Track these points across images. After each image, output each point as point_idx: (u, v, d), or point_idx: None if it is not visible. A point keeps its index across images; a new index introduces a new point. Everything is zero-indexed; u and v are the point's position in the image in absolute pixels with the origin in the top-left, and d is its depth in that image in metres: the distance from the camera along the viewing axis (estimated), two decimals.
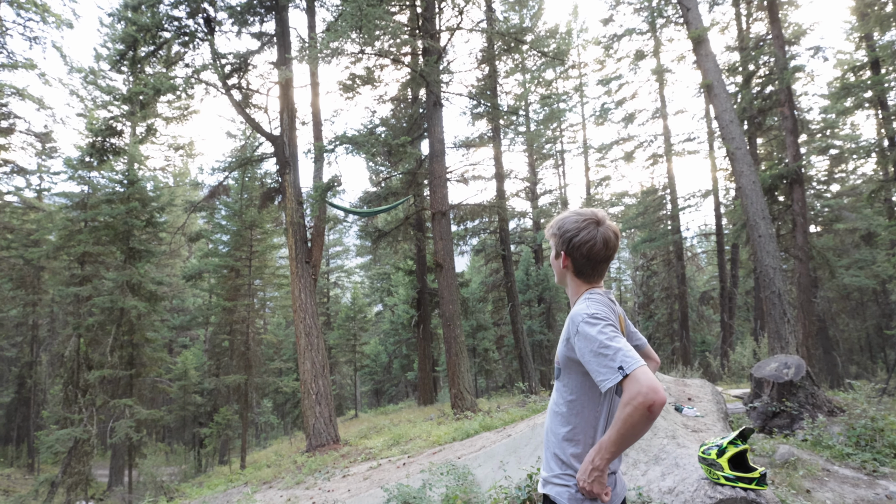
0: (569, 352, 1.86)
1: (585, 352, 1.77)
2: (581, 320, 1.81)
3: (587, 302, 1.89)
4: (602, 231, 1.91)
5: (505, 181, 22.31)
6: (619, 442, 1.70)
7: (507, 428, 7.92)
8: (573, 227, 1.93)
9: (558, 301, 24.92)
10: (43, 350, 25.38)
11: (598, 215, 1.94)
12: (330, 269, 35.30)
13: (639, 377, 1.65)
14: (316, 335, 13.15)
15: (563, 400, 1.92)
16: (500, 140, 21.66)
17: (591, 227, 1.92)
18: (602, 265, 1.96)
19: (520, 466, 5.35)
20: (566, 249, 1.95)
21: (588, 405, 1.88)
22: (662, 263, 24.70)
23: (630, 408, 1.64)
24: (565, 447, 1.90)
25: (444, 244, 14.01)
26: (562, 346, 1.90)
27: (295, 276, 13.30)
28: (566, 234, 1.95)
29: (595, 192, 29.76)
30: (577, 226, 1.93)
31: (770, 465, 4.60)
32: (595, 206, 28.69)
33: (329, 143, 13.13)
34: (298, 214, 13.40)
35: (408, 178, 17.94)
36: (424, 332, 20.78)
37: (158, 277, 19.09)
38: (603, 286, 2.02)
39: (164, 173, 29.08)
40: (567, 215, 1.98)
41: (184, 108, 19.54)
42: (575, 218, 1.95)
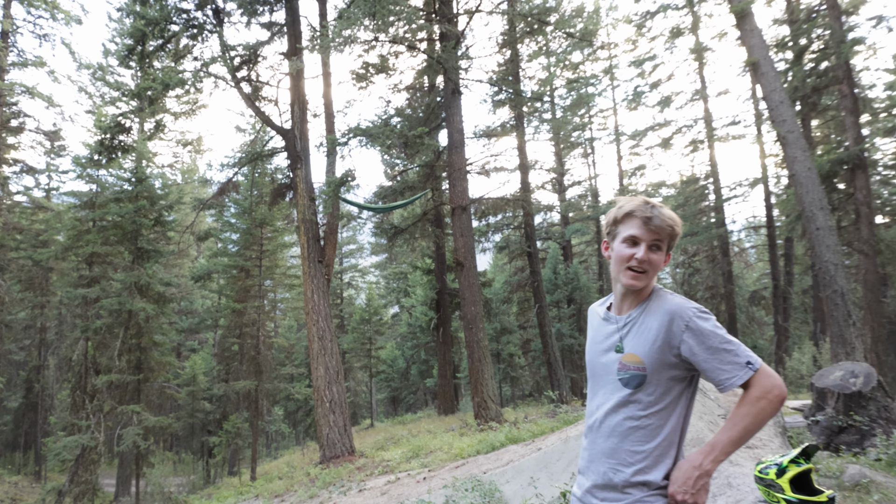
0: (664, 354, 1.80)
1: (701, 349, 1.76)
2: (693, 315, 1.79)
3: (678, 298, 1.87)
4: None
5: (529, 173, 22.17)
6: (741, 440, 1.74)
7: (537, 441, 7.84)
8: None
9: (590, 301, 24.69)
10: (51, 353, 26.05)
11: (648, 202, 1.93)
12: (343, 269, 35.55)
13: (768, 371, 1.73)
14: (329, 339, 13.23)
15: (645, 411, 1.82)
16: (523, 129, 21.52)
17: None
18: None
19: (552, 483, 5.28)
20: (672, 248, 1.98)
21: (675, 413, 1.84)
22: (706, 260, 24.30)
23: (765, 402, 1.70)
24: (653, 466, 1.81)
25: (464, 241, 13.97)
26: (648, 346, 1.82)
27: (307, 276, 13.39)
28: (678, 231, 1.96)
29: (628, 183, 29.38)
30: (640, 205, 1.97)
31: (838, 488, 4.43)
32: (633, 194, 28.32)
33: (342, 136, 13.19)
34: (310, 211, 13.48)
35: (425, 171, 17.93)
36: (444, 336, 20.76)
37: (167, 278, 19.44)
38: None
39: (173, 170, 29.76)
40: (673, 213, 1.96)
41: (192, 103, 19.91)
42: (640, 201, 1.96)
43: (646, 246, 1.86)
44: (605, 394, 1.90)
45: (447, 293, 20.78)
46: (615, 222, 1.93)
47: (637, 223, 1.87)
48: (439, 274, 21.22)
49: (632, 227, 1.88)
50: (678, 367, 1.81)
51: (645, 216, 1.86)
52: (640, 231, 1.86)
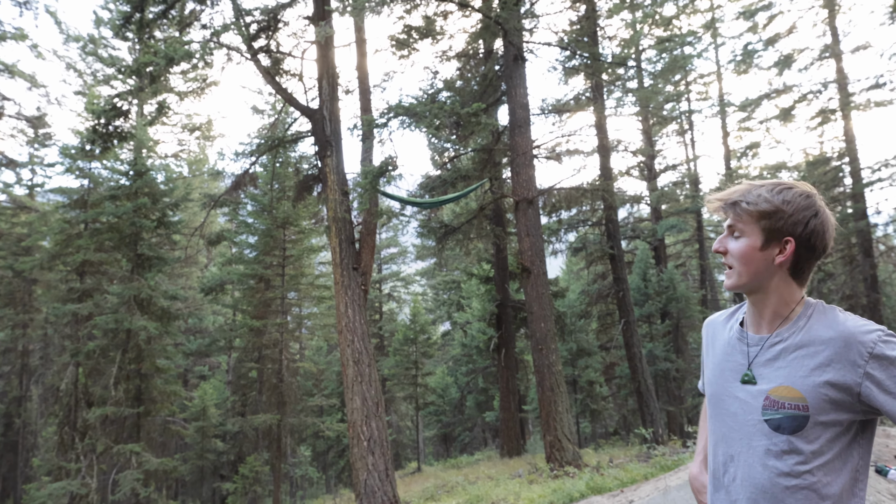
0: (834, 390, 1.69)
1: (893, 385, 1.64)
2: (878, 339, 1.67)
3: (848, 315, 1.78)
4: (830, 214, 1.84)
5: (611, 156, 21.97)
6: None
7: (626, 491, 7.83)
8: (806, 202, 1.81)
9: (690, 316, 24.28)
10: (34, 382, 27.06)
11: (818, 194, 1.85)
12: (383, 277, 36.05)
13: None
14: (367, 363, 13.45)
15: (807, 465, 1.72)
16: (602, 101, 21.37)
17: (824, 205, 1.83)
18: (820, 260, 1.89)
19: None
20: (799, 234, 1.80)
21: (846, 468, 1.73)
22: (841, 262, 23.56)
23: None
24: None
25: (531, 242, 14.02)
26: (812, 378, 1.72)
27: (340, 286, 13.66)
28: (799, 212, 1.80)
29: (738, 166, 28.75)
30: (809, 201, 1.81)
31: None
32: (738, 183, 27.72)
33: (380, 116, 13.41)
34: (343, 208, 13.76)
35: (482, 156, 18.02)
36: (507, 359, 20.80)
37: (172, 290, 20.11)
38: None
39: (178, 161, 30.75)
40: (781, 186, 1.86)
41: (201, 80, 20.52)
42: (797, 191, 1.83)
43: (726, 231, 1.90)
44: (741, 439, 1.82)
45: (510, 306, 20.81)
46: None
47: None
48: (500, 283, 21.28)
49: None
50: (852, 408, 1.69)
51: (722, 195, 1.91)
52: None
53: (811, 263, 1.83)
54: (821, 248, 1.80)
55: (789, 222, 1.79)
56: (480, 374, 27.98)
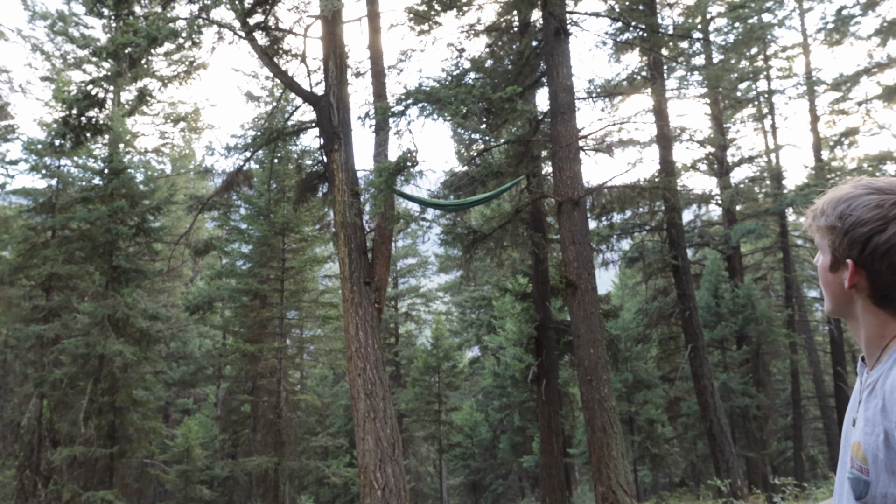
0: (890, 453, 1.60)
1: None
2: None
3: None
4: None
5: (673, 146, 21.86)
6: None
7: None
8: (870, 214, 1.69)
9: (772, 340, 24.03)
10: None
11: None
12: (400, 293, 36.12)
13: None
14: (381, 396, 13.49)
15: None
16: (662, 82, 21.25)
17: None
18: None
19: None
20: (858, 255, 1.72)
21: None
22: None
23: None
24: None
25: (577, 251, 14.01)
26: (872, 437, 1.65)
27: (349, 304, 13.75)
28: (856, 225, 1.70)
29: (830, 157, 28.39)
30: (878, 212, 1.68)
31: None
32: (833, 179, 27.47)
33: (397, 102, 13.51)
34: (353, 211, 13.86)
35: (517, 148, 18.02)
36: (549, 392, 20.70)
37: (152, 309, 20.37)
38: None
39: (160, 157, 31.12)
40: (852, 192, 1.76)
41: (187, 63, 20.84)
42: (869, 197, 1.72)
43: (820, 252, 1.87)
44: (838, 495, 1.79)
45: (552, 328, 20.72)
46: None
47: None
48: (540, 300, 21.20)
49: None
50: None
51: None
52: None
53: (895, 289, 1.70)
54: (891, 272, 1.66)
55: (845, 241, 1.72)
56: (516, 410, 27.87)
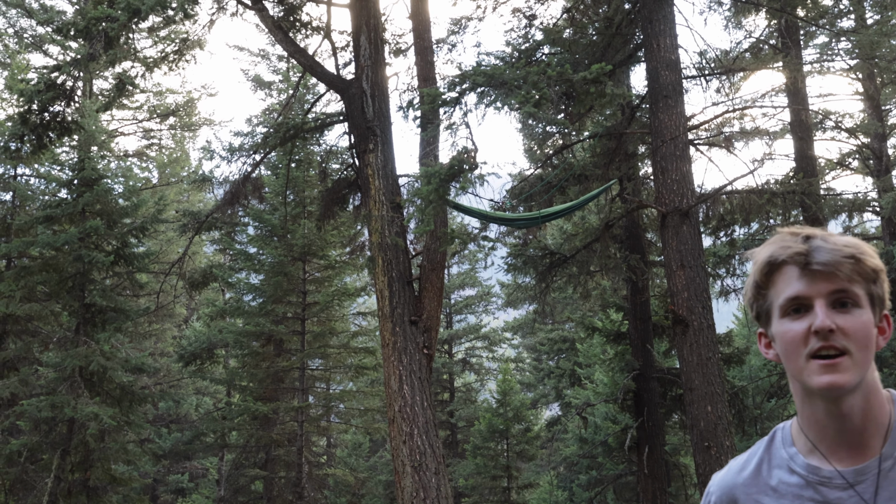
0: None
1: None
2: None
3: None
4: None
5: (814, 138, 21.52)
6: None
7: None
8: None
9: None
10: None
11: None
12: (455, 335, 36.04)
13: None
14: (434, 469, 13.46)
15: None
16: (798, 52, 21.04)
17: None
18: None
19: None
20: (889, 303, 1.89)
21: None
22: None
23: None
24: None
25: (687, 276, 13.91)
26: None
27: (390, 349, 13.76)
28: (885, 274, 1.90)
29: None
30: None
31: None
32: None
33: (449, 87, 13.53)
34: (395, 229, 13.90)
35: (607, 144, 17.95)
36: (652, 463, 20.47)
37: (135, 359, 20.46)
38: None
39: (145, 162, 31.50)
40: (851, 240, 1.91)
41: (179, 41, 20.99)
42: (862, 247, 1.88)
43: (824, 304, 1.83)
44: None
45: (655, 379, 20.52)
46: (759, 290, 1.95)
47: (793, 274, 1.87)
48: (639, 341, 21.01)
49: (787, 286, 1.87)
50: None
51: (798, 255, 1.86)
52: (803, 284, 1.85)
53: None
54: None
55: (885, 287, 1.87)
56: (611, 487, 27.60)
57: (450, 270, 35.73)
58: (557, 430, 35.24)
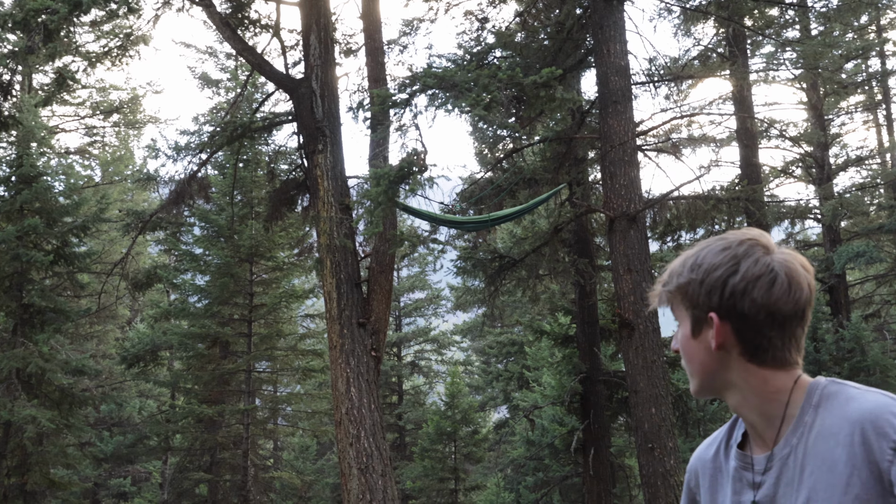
0: (869, 495, 1.80)
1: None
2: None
3: (864, 391, 1.91)
4: (780, 260, 1.94)
5: (759, 145, 21.77)
6: None
7: None
8: (720, 258, 1.97)
9: (890, 383, 23.80)
10: None
11: (758, 238, 1.98)
12: (404, 338, 36.09)
13: None
14: (381, 472, 13.46)
15: None
16: (745, 61, 21.30)
17: (757, 251, 1.95)
18: (795, 326, 1.95)
19: None
20: (718, 302, 1.96)
21: None
22: None
23: None
24: None
25: (634, 281, 14.06)
26: (839, 497, 1.84)
27: (338, 352, 13.70)
28: (710, 271, 1.98)
29: None
30: (726, 252, 1.97)
31: None
32: None
33: (400, 89, 13.50)
34: (343, 231, 13.84)
35: (556, 149, 18.02)
36: (598, 465, 20.61)
37: (76, 361, 20.22)
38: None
39: (87, 159, 31.20)
40: (700, 245, 2.06)
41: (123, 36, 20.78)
42: (718, 243, 2.01)
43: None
44: None
45: (602, 382, 20.65)
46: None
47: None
48: (586, 345, 21.12)
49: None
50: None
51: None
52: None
53: (766, 336, 1.94)
54: (755, 312, 1.91)
55: (702, 292, 1.97)
56: (557, 488, 27.74)
57: (399, 273, 35.83)
58: (505, 432, 35.45)
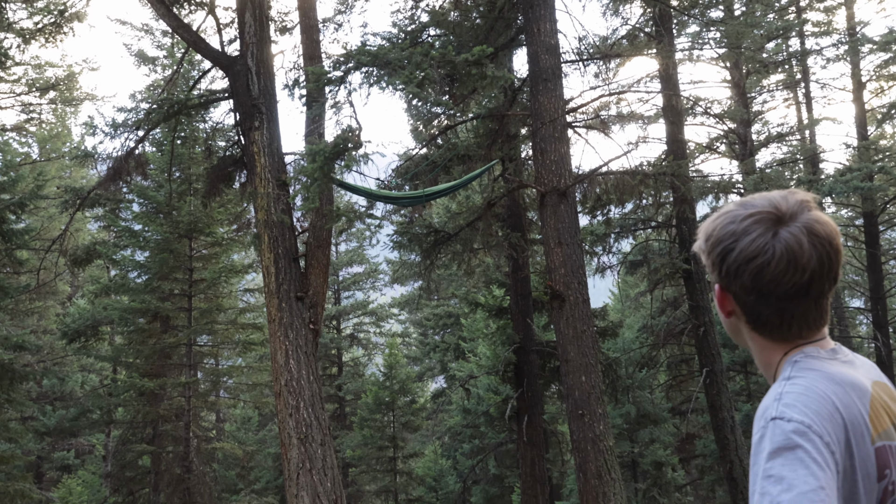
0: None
1: (751, 481, 1.80)
2: (758, 428, 1.86)
3: (781, 382, 1.94)
4: (785, 238, 1.87)
5: (685, 122, 22.11)
6: None
7: None
8: (724, 232, 1.96)
9: None
10: None
11: (780, 206, 1.92)
12: (342, 311, 36.06)
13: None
14: (320, 441, 13.57)
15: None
16: (671, 40, 21.55)
17: (762, 228, 1.90)
18: (797, 304, 1.93)
19: None
20: (718, 277, 2.00)
21: None
22: None
23: None
24: None
25: (564, 254, 14.16)
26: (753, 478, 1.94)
27: (277, 325, 13.80)
28: (714, 245, 1.99)
29: (877, 133, 28.82)
30: (732, 228, 1.94)
31: None
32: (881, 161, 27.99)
33: (335, 66, 13.59)
34: (281, 207, 13.90)
35: (489, 126, 18.15)
36: (531, 432, 20.86)
37: (16, 337, 20.04)
38: (827, 342, 2.03)
39: (23, 136, 30.74)
40: (726, 210, 2.03)
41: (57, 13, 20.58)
42: (734, 213, 1.97)
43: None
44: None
45: (535, 351, 20.86)
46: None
47: None
48: (519, 317, 21.34)
49: None
50: None
51: None
52: None
53: (763, 308, 1.96)
54: (745, 293, 1.95)
55: (709, 263, 2.02)
56: (492, 455, 27.97)
57: (337, 248, 35.78)
58: (442, 401, 35.57)
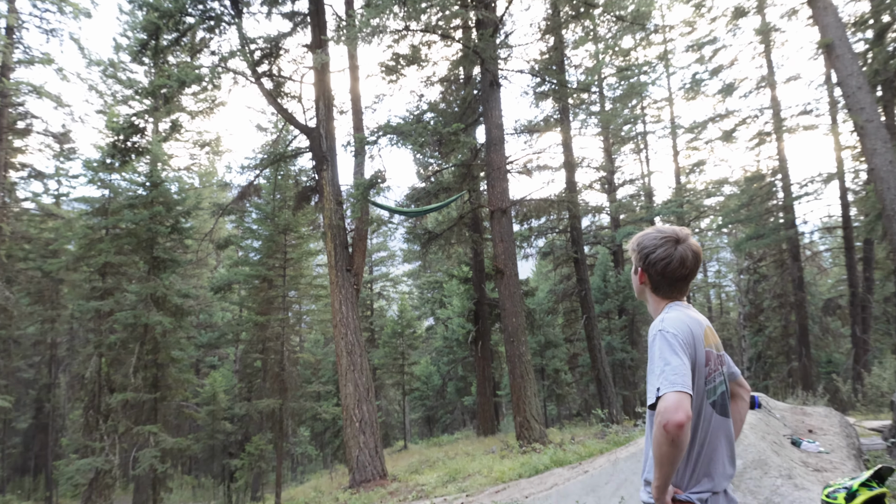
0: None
1: (650, 367, 2.08)
2: (651, 335, 2.14)
3: (663, 315, 2.22)
4: (680, 250, 2.24)
5: (576, 171, 22.13)
6: (656, 464, 1.99)
7: (584, 463, 7.91)
8: (651, 244, 2.29)
9: (643, 313, 24.46)
10: (62, 371, 26.91)
11: (678, 234, 2.27)
12: (373, 278, 35.99)
13: (668, 398, 1.94)
14: (359, 353, 13.50)
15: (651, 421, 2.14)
16: (569, 123, 21.50)
17: (670, 245, 2.25)
18: (679, 283, 2.28)
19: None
20: (643, 265, 2.30)
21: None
22: (773, 265, 23.83)
23: (657, 429, 1.94)
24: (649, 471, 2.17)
25: (504, 246, 14.13)
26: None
27: (335, 286, 13.70)
28: (644, 250, 2.30)
29: (686, 181, 29.03)
30: (655, 243, 2.28)
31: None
32: (687, 196, 28.17)
33: (371, 134, 13.49)
34: (338, 216, 13.81)
35: (461, 171, 18.11)
36: (483, 351, 20.87)
37: (184, 290, 19.98)
38: (685, 301, 2.33)
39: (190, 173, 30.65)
40: (648, 231, 2.35)
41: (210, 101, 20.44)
42: (655, 234, 2.30)
43: None
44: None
45: (486, 304, 20.88)
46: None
47: None
48: (477, 283, 21.34)
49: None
50: None
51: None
52: None
53: (662, 283, 2.29)
54: (659, 273, 2.27)
55: (638, 257, 2.33)
56: (460, 364, 28.01)
57: (371, 241, 35.58)
58: (431, 332, 35.61)
